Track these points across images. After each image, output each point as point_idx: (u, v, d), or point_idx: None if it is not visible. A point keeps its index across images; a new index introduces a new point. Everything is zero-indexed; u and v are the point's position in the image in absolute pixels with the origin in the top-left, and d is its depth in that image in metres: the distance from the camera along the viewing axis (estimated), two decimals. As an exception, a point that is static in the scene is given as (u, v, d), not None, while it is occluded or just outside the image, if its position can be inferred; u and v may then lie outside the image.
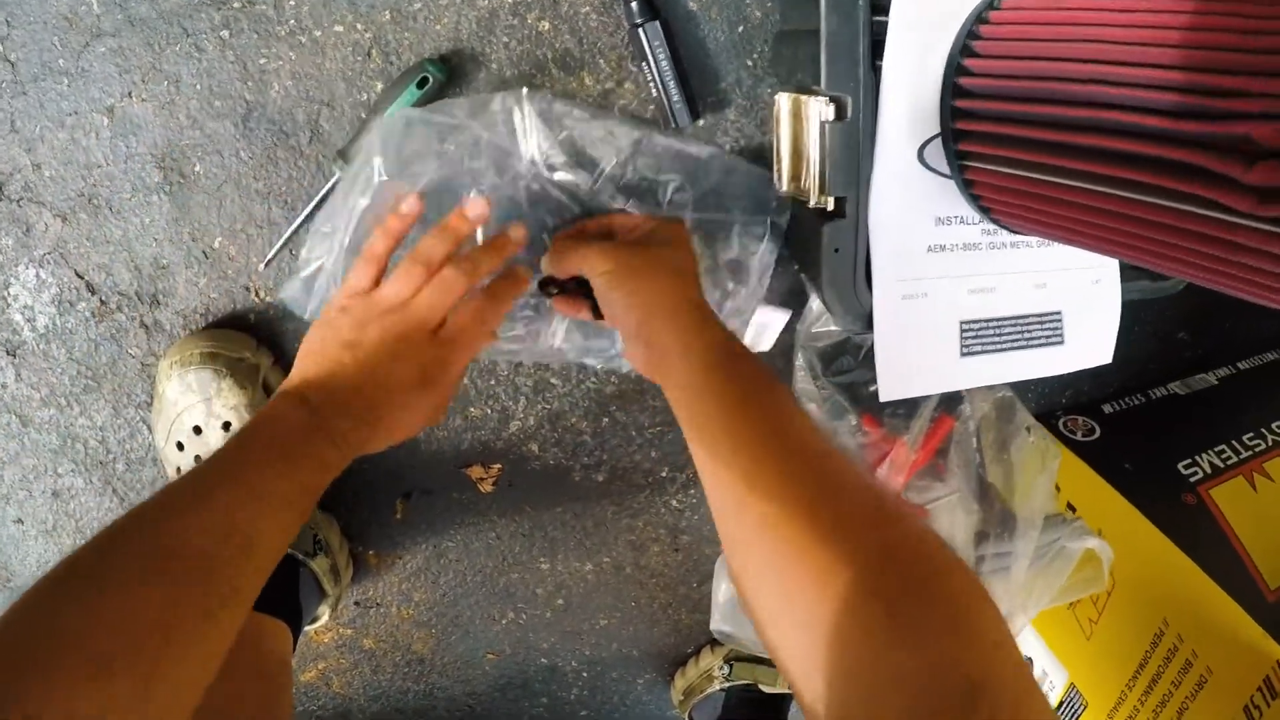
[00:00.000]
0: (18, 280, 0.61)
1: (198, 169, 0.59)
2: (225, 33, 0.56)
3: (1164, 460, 0.75)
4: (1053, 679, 0.85)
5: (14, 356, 0.63)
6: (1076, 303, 0.61)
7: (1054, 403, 0.83)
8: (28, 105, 0.56)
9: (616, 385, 0.69)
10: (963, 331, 0.58)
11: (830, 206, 0.51)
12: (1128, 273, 0.62)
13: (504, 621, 0.81)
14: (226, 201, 0.60)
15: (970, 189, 0.51)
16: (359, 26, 0.56)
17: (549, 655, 0.85)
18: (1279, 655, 0.59)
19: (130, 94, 0.57)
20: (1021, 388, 0.80)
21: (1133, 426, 0.82)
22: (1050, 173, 0.45)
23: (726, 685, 0.87)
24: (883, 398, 0.56)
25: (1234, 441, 0.77)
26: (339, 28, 0.56)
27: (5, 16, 0.53)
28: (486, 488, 0.71)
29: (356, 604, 0.77)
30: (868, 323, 0.55)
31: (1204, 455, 0.75)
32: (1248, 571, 0.65)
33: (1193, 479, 0.73)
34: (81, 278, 0.61)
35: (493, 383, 0.67)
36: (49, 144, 0.57)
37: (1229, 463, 0.75)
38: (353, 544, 0.72)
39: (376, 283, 0.50)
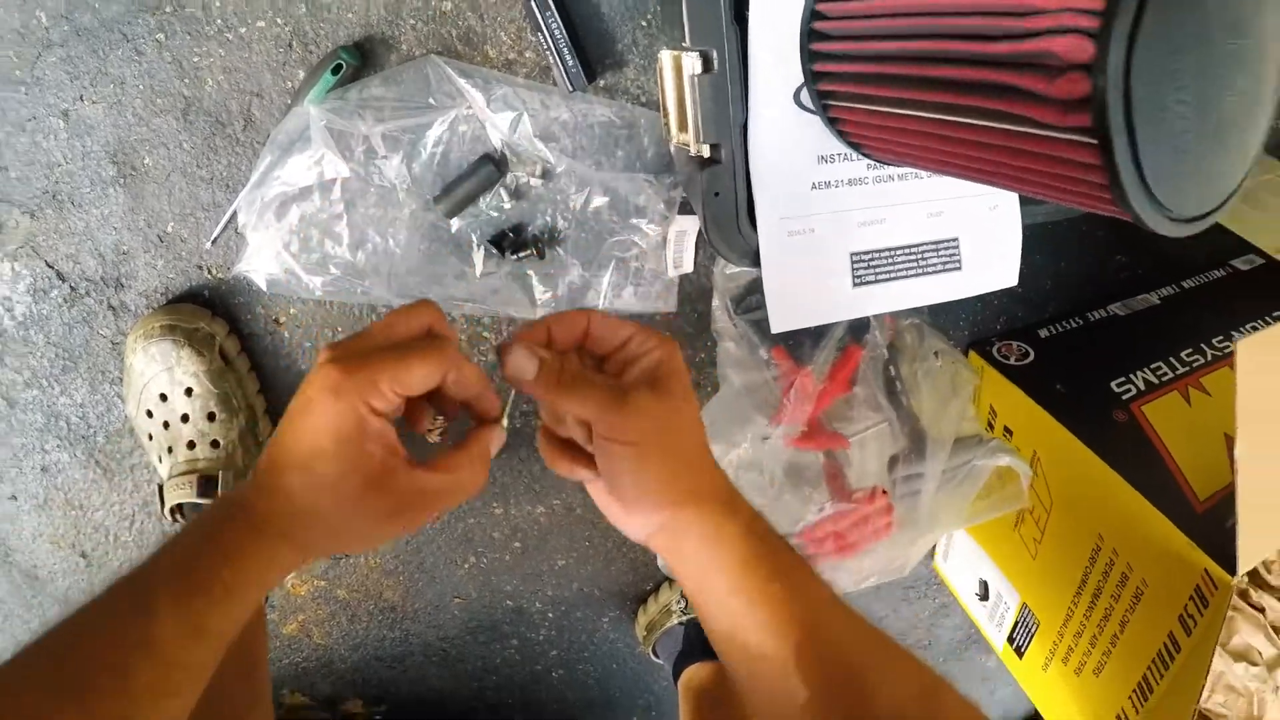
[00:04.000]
0: (-6, 273, 0.66)
1: (147, 161, 0.64)
2: (161, 35, 0.60)
3: (1097, 380, 0.76)
4: (1007, 601, 0.88)
5: (-3, 344, 0.68)
6: (973, 229, 0.64)
7: (989, 329, 0.86)
8: (-11, 112, 0.61)
9: (544, 336, 0.74)
10: (854, 262, 0.62)
11: (706, 153, 0.56)
12: (1032, 200, 0.64)
13: (466, 566, 0.86)
14: (175, 189, 0.65)
15: (836, 126, 0.56)
16: (279, 21, 0.61)
17: (514, 598, 0.90)
18: (1206, 565, 0.61)
19: (82, 97, 0.61)
20: (953, 317, 0.84)
21: (1068, 349, 0.83)
22: (898, 105, 0.48)
23: (684, 619, 0.92)
24: (774, 329, 0.60)
25: (1170, 358, 0.78)
26: (261, 23, 0.61)
27: (-40, 31, 0.59)
28: (434, 439, 0.76)
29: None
30: (756, 259, 0.59)
31: (1139, 373, 0.77)
32: (1177, 484, 0.66)
33: (1125, 396, 0.74)
34: (52, 268, 0.66)
35: (431, 340, 0.72)
36: (13, 148, 0.62)
37: (1164, 379, 0.76)
38: (319, 499, 0.77)
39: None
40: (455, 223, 0.66)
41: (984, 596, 0.92)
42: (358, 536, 0.43)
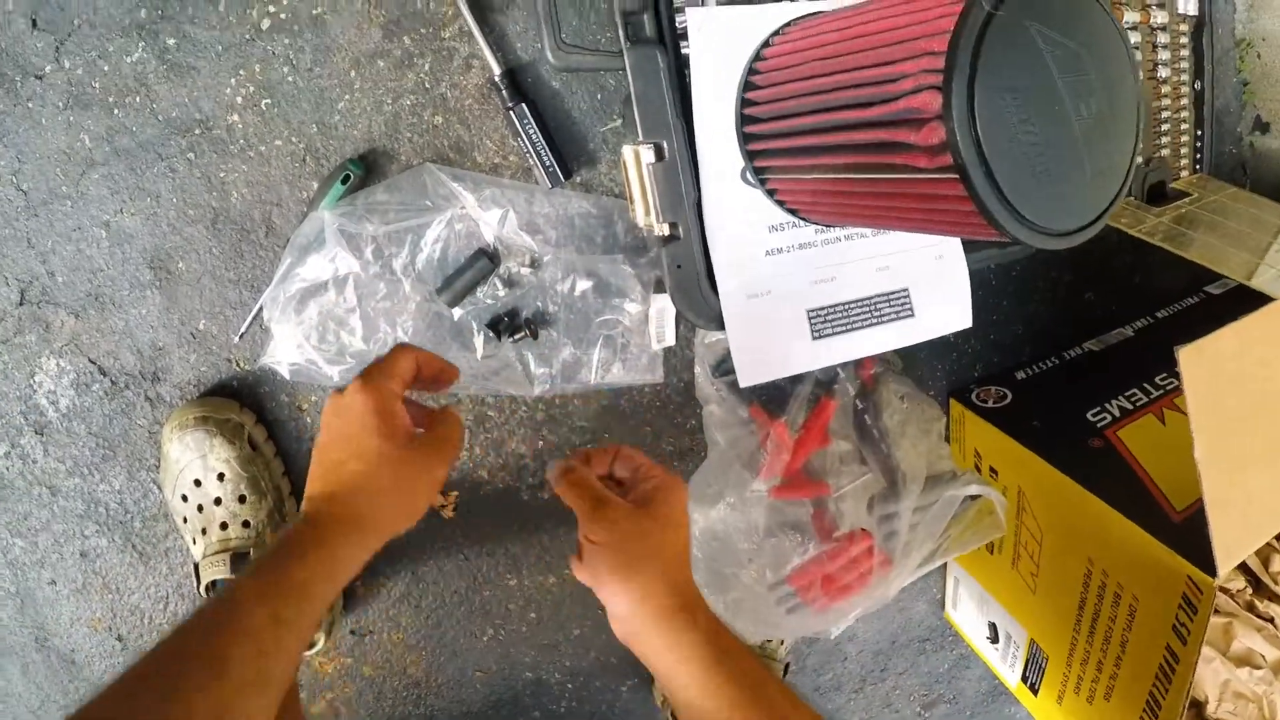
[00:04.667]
0: (41, 369, 0.72)
1: (180, 266, 0.70)
2: (191, 155, 0.68)
3: (1072, 412, 0.79)
4: (1015, 639, 0.89)
5: (42, 435, 0.74)
6: (922, 278, 0.68)
7: (966, 377, 0.90)
8: (39, 225, 0.68)
9: (545, 410, 0.78)
10: (810, 318, 0.66)
11: (667, 231, 0.61)
12: (972, 245, 0.69)
13: (485, 639, 0.88)
14: (206, 290, 0.71)
15: (775, 196, 0.61)
16: (294, 139, 0.68)
17: (533, 669, 0.92)
18: (1188, 571, 0.63)
19: (121, 210, 0.69)
20: (930, 368, 0.88)
21: (1044, 387, 0.86)
22: (813, 171, 0.55)
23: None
24: (741, 384, 0.64)
25: (1145, 384, 0.80)
26: (279, 142, 0.68)
27: (16, 154, 0.65)
28: (448, 514, 0.80)
29: (352, 633, 0.85)
30: (720, 322, 0.63)
31: (1113, 401, 0.79)
32: (1154, 499, 0.69)
33: (1100, 424, 0.77)
34: (94, 363, 0.72)
35: (440, 419, 0.77)
36: (59, 255, 0.69)
37: (1138, 404, 0.78)
38: (340, 575, 0.81)
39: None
40: (456, 311, 0.71)
41: (994, 639, 0.92)
42: (405, 498, 0.51)
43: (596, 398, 0.78)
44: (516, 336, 0.72)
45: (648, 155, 0.58)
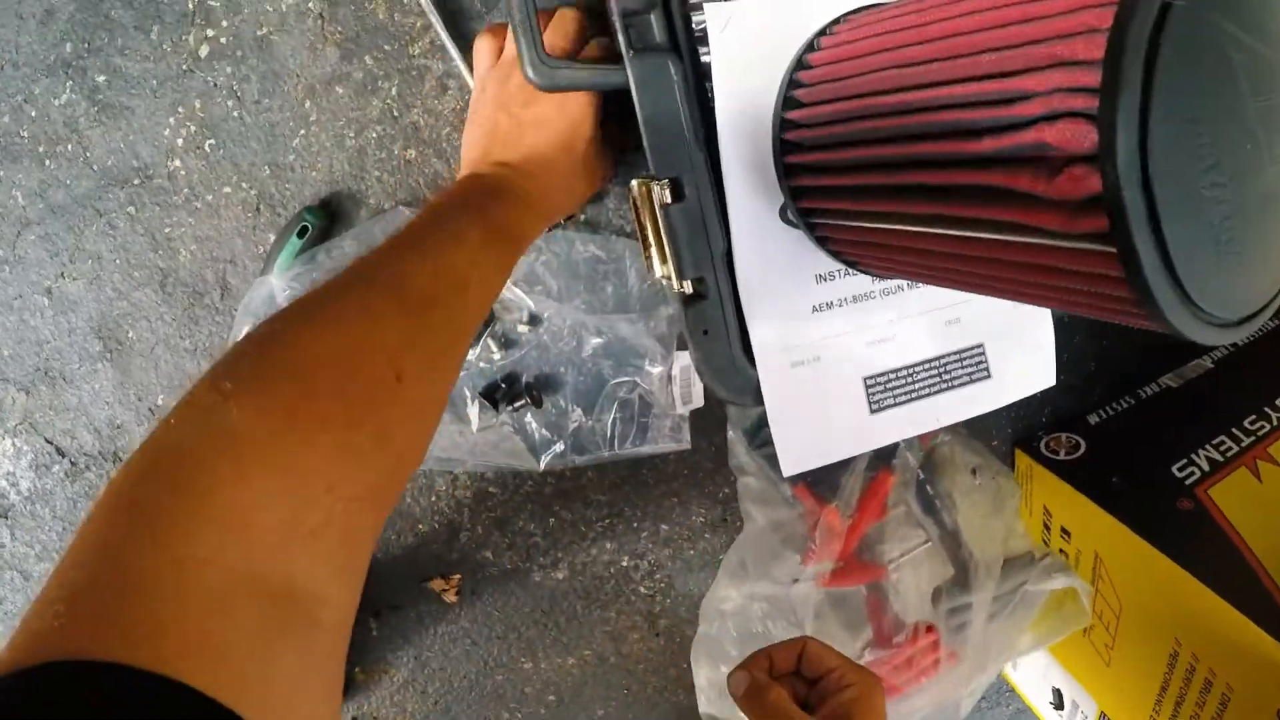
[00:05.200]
0: (-2, 451, 0.65)
1: (131, 335, 0.61)
2: (131, 209, 0.58)
3: (1155, 465, 0.67)
4: (1084, 710, 0.77)
5: (7, 519, 0.67)
6: (999, 332, 0.55)
7: (1034, 423, 0.75)
8: (-23, 296, 0.60)
9: (554, 485, 0.67)
10: (869, 388, 0.53)
11: (690, 290, 0.48)
12: None
13: (501, 724, 0.79)
14: (161, 361, 0.62)
15: (826, 245, 0.47)
16: (244, 185, 0.57)
17: (558, 751, 0.82)
18: None
19: (62, 274, 0.60)
20: (995, 416, 0.74)
21: (1121, 434, 0.73)
22: (880, 219, 0.40)
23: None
24: (785, 473, 0.51)
25: (1233, 429, 0.67)
26: (227, 189, 0.58)
27: (-64, 220, 0.58)
28: (450, 598, 0.70)
29: (354, 719, 0.77)
30: (759, 396, 0.51)
31: (1200, 451, 0.67)
32: (1255, 575, 0.57)
33: (1188, 481, 0.65)
34: (50, 443, 0.64)
35: (434, 499, 0.66)
36: (3, 326, 0.61)
37: (1229, 454, 0.66)
38: (336, 662, 0.72)
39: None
40: (445, 375, 0.61)
41: (1059, 705, 0.80)
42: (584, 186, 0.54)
43: (614, 468, 0.67)
44: (516, 405, 0.61)
45: (662, 195, 0.46)
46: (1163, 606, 0.63)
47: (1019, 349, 0.56)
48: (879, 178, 0.38)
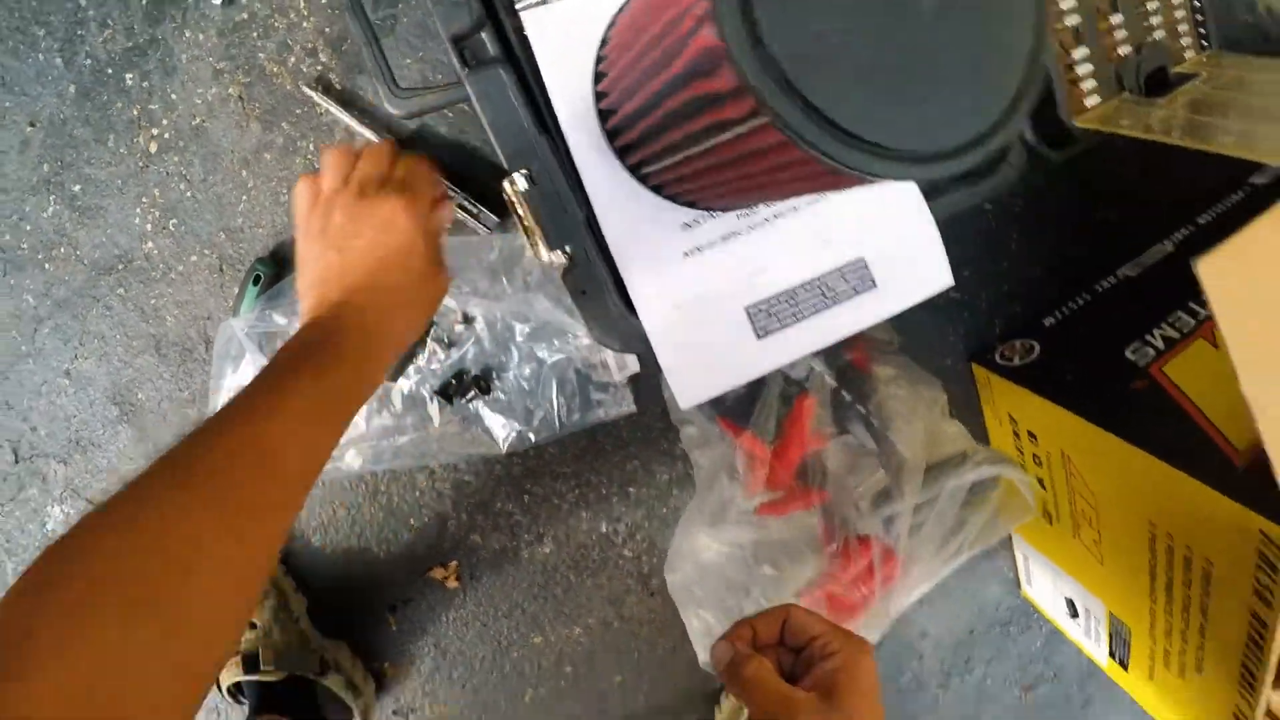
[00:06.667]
0: (51, 519, 0.74)
1: (140, 396, 0.71)
2: (121, 290, 0.68)
3: (1110, 354, 0.68)
4: (1095, 614, 0.78)
5: (69, 579, 0.77)
6: (879, 243, 0.58)
7: (988, 336, 0.79)
8: (12, 387, 0.71)
9: (521, 464, 0.74)
10: (751, 316, 0.57)
11: (560, 259, 0.55)
12: (933, 190, 0.59)
13: (527, 699, 0.84)
14: (168, 415, 0.71)
15: (661, 192, 0.54)
16: (206, 252, 0.67)
17: (588, 721, 0.88)
18: (1260, 525, 0.52)
19: (76, 356, 0.70)
20: (942, 334, 0.78)
21: (1077, 331, 0.74)
22: (671, 152, 0.46)
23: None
24: (682, 405, 0.57)
25: (1191, 304, 0.68)
26: (194, 258, 0.67)
27: (-27, 329, 0.69)
28: (452, 584, 0.77)
29: (394, 713, 0.83)
30: (645, 342, 0.57)
31: (1156, 331, 0.67)
32: (1212, 443, 0.58)
33: (1142, 362, 0.65)
34: (91, 503, 0.74)
35: (418, 494, 0.74)
36: (36, 410, 0.71)
37: (1186, 330, 0.66)
38: (367, 661, 0.79)
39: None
40: (404, 384, 0.69)
41: (1074, 614, 0.81)
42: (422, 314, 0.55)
43: (572, 441, 0.74)
44: (468, 396, 0.69)
45: (518, 185, 0.53)
46: (1132, 492, 0.64)
47: (901, 256, 0.59)
48: (656, 118, 0.45)
